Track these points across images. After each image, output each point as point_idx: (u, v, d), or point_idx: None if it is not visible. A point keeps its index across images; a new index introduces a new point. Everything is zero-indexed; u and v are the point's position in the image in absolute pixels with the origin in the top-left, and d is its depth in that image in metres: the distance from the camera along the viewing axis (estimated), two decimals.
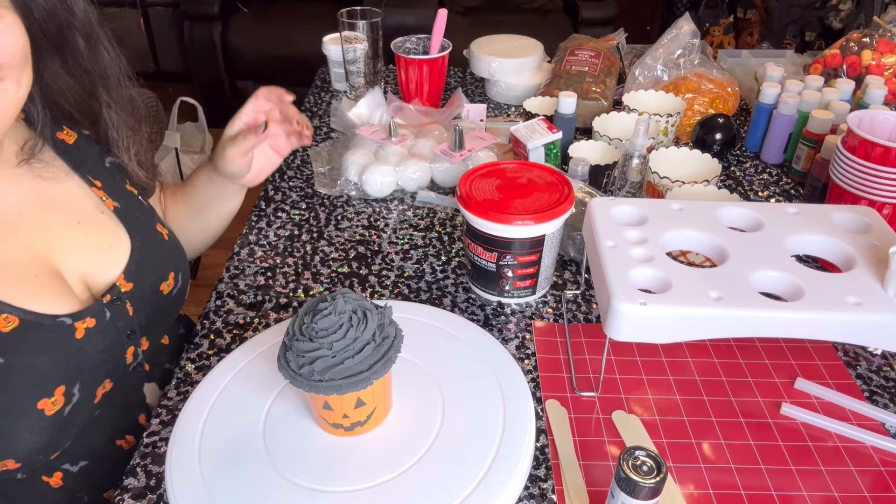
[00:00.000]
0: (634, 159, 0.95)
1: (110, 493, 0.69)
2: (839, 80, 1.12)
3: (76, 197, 0.68)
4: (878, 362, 0.74)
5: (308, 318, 0.55)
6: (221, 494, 0.55)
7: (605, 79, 1.21)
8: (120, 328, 0.66)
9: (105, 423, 0.68)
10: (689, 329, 0.62)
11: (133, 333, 0.68)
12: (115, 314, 0.66)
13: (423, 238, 0.94)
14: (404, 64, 1.21)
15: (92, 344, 0.63)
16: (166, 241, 0.75)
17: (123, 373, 0.68)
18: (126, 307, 0.67)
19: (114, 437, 0.70)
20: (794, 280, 0.65)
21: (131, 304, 0.68)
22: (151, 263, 0.72)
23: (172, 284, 0.74)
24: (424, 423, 0.61)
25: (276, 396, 0.64)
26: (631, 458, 0.50)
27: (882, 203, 0.85)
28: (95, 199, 0.69)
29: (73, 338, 0.61)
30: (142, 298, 0.69)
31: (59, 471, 0.65)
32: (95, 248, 0.67)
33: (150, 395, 0.74)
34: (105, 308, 0.65)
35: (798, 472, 0.62)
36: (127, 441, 0.71)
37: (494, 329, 0.78)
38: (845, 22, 2.72)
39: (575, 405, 0.68)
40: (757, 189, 1.06)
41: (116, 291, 0.67)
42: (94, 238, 0.67)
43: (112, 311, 0.66)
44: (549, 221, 0.75)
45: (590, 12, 2.78)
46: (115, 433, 0.70)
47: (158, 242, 0.74)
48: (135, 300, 0.68)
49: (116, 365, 0.67)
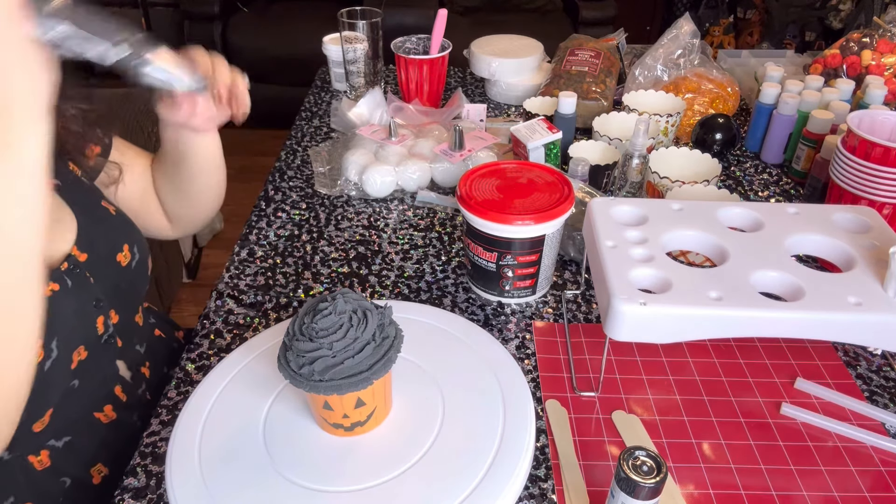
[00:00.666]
0: (634, 159, 0.95)
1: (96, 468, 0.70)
2: (839, 80, 1.12)
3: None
4: (878, 362, 0.74)
5: (308, 318, 0.55)
6: (221, 494, 0.55)
7: (605, 79, 1.21)
8: (84, 296, 0.67)
9: (83, 394, 0.68)
10: (689, 329, 0.62)
11: (99, 302, 0.69)
12: (76, 283, 0.67)
13: (424, 238, 0.94)
14: (404, 64, 1.21)
15: (60, 306, 0.64)
16: (113, 216, 0.76)
17: (96, 343, 0.69)
18: (86, 276, 0.68)
19: (92, 408, 0.71)
20: (794, 280, 0.65)
21: (90, 273, 0.69)
22: (102, 236, 0.72)
23: (129, 256, 0.75)
24: (424, 423, 0.61)
25: (276, 396, 0.64)
26: (631, 458, 0.50)
27: (882, 203, 0.85)
28: None
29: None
30: (99, 269, 0.70)
31: (45, 448, 0.66)
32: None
33: (123, 370, 0.75)
34: (64, 276, 0.66)
35: (798, 472, 0.62)
36: (105, 414, 0.72)
37: (494, 329, 0.78)
38: (845, 22, 2.73)
39: (575, 405, 0.68)
40: (757, 189, 1.06)
41: (73, 260, 0.67)
42: None
43: (73, 280, 0.66)
44: (549, 221, 0.75)
45: (590, 12, 2.78)
46: (94, 405, 0.71)
47: (104, 216, 0.75)
48: (93, 270, 0.69)
49: (88, 332, 0.68)
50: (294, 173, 1.09)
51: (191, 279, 2.19)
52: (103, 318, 0.70)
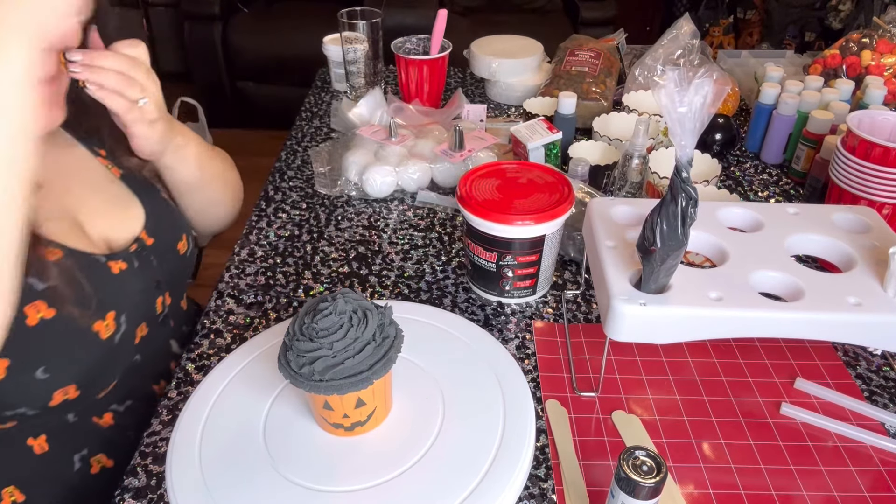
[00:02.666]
0: (634, 159, 0.95)
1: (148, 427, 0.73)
2: (839, 81, 1.12)
3: (88, 165, 0.72)
4: (878, 362, 0.74)
5: (308, 318, 0.55)
6: (222, 494, 0.55)
7: (605, 79, 1.21)
8: (148, 277, 0.71)
9: (143, 367, 0.73)
10: (689, 329, 0.63)
11: (160, 284, 0.73)
12: (142, 263, 0.71)
13: (424, 238, 0.94)
14: (404, 64, 1.22)
15: (128, 282, 0.68)
16: (174, 208, 0.80)
17: (155, 321, 0.73)
18: (151, 259, 0.72)
19: (151, 381, 0.76)
20: (794, 280, 0.65)
21: (154, 257, 0.73)
22: (166, 224, 0.76)
23: (186, 245, 0.79)
24: (424, 423, 0.61)
25: (276, 396, 0.64)
26: (631, 458, 0.50)
27: (882, 203, 0.85)
28: (102, 168, 0.73)
29: (111, 272, 0.66)
30: (163, 254, 0.74)
31: (109, 411, 0.70)
32: (114, 213, 0.71)
33: (176, 348, 0.80)
34: (132, 257, 0.70)
35: (798, 472, 0.62)
36: (160, 386, 0.77)
37: (494, 329, 0.78)
38: (845, 22, 2.73)
39: (575, 405, 0.68)
40: (757, 189, 1.06)
41: (141, 244, 0.71)
42: (112, 204, 0.72)
43: (139, 261, 0.70)
44: (549, 221, 0.75)
45: (590, 12, 2.78)
46: (152, 378, 0.76)
47: (167, 207, 0.78)
48: (157, 254, 0.73)
49: (149, 310, 0.72)
50: (294, 173, 1.09)
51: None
52: (161, 299, 0.74)
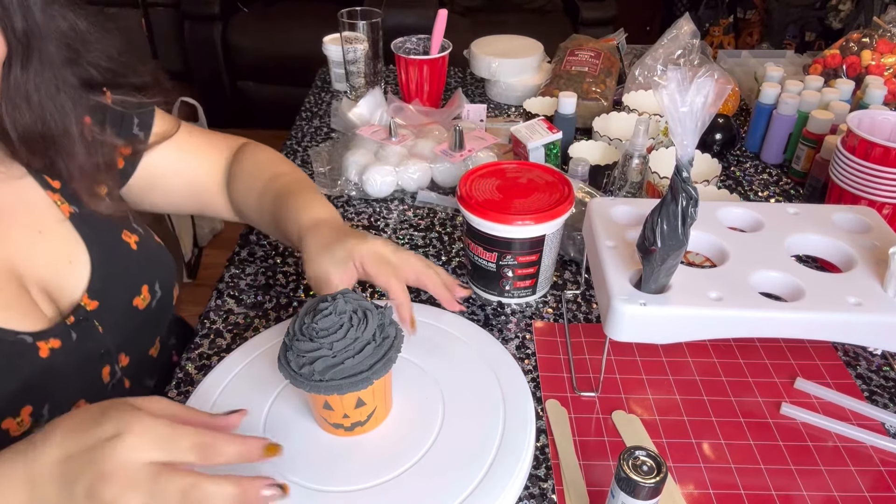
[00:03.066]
0: (634, 159, 0.95)
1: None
2: (839, 81, 1.12)
3: (34, 202, 0.63)
4: (878, 362, 0.74)
5: (308, 318, 0.55)
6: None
7: (605, 79, 1.21)
8: (90, 349, 0.63)
9: None
10: (689, 329, 0.63)
11: (107, 353, 0.64)
12: (83, 335, 0.62)
13: (424, 238, 0.94)
14: (404, 64, 1.21)
15: (60, 364, 0.59)
16: (134, 252, 0.69)
17: (100, 392, 0.64)
18: (95, 326, 0.63)
19: None
20: (794, 280, 0.65)
21: (100, 323, 0.64)
22: (117, 278, 0.66)
23: (148, 298, 0.69)
24: (424, 423, 0.61)
25: (276, 396, 0.64)
26: (631, 458, 0.50)
27: (882, 203, 0.85)
28: (52, 205, 0.63)
29: (38, 356, 0.57)
30: (112, 317, 0.65)
31: None
32: (56, 262, 0.62)
33: None
34: (70, 329, 0.61)
35: (798, 472, 0.62)
36: None
37: (494, 329, 0.78)
38: (845, 22, 2.72)
39: (575, 405, 0.68)
40: (757, 189, 1.06)
41: (82, 312, 0.62)
42: (55, 251, 0.63)
43: (79, 332, 0.61)
44: (549, 221, 0.75)
45: (590, 12, 2.78)
46: None
47: (124, 254, 0.68)
48: (104, 319, 0.64)
49: (91, 385, 0.63)
50: None
51: (191, 279, 2.19)
52: (110, 368, 0.65)
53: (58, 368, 0.59)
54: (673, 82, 0.52)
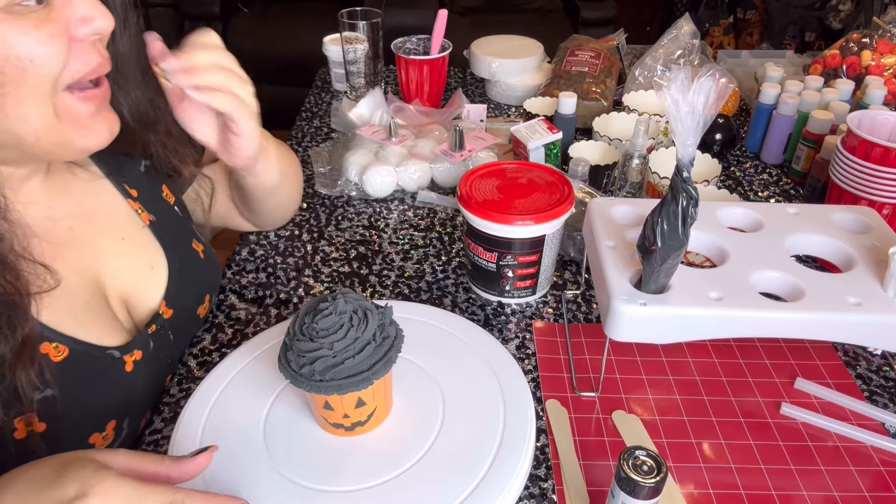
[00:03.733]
0: (634, 159, 0.95)
1: None
2: (839, 81, 1.12)
3: (117, 210, 0.64)
4: (877, 362, 0.74)
5: (309, 318, 0.55)
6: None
7: (605, 79, 1.21)
8: (162, 358, 0.64)
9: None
10: (689, 329, 0.63)
11: (173, 361, 0.67)
12: (159, 344, 0.63)
13: (424, 238, 0.94)
14: (404, 64, 1.22)
15: (140, 377, 0.61)
16: (202, 261, 0.71)
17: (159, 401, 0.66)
18: (168, 335, 0.65)
19: None
20: (794, 280, 0.65)
21: (172, 331, 0.65)
22: (189, 286, 0.68)
23: (208, 307, 0.72)
24: (425, 423, 0.61)
25: (276, 396, 0.64)
26: (631, 458, 0.50)
27: (882, 203, 0.85)
28: (132, 213, 0.66)
29: (124, 371, 0.59)
30: (181, 325, 0.67)
31: None
32: (139, 269, 0.64)
33: None
34: (150, 339, 0.62)
35: (798, 472, 0.62)
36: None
37: (495, 329, 0.78)
38: (845, 22, 2.73)
39: (575, 405, 0.68)
40: (757, 189, 1.06)
41: (160, 320, 0.64)
42: (137, 258, 0.64)
43: (156, 342, 0.63)
44: (549, 221, 0.75)
45: (590, 13, 2.78)
46: None
47: (195, 262, 0.70)
48: (174, 327, 0.66)
49: (157, 395, 0.65)
50: None
51: None
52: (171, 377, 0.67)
53: (138, 381, 0.60)
54: (675, 82, 0.52)
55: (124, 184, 0.65)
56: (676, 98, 0.52)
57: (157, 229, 0.66)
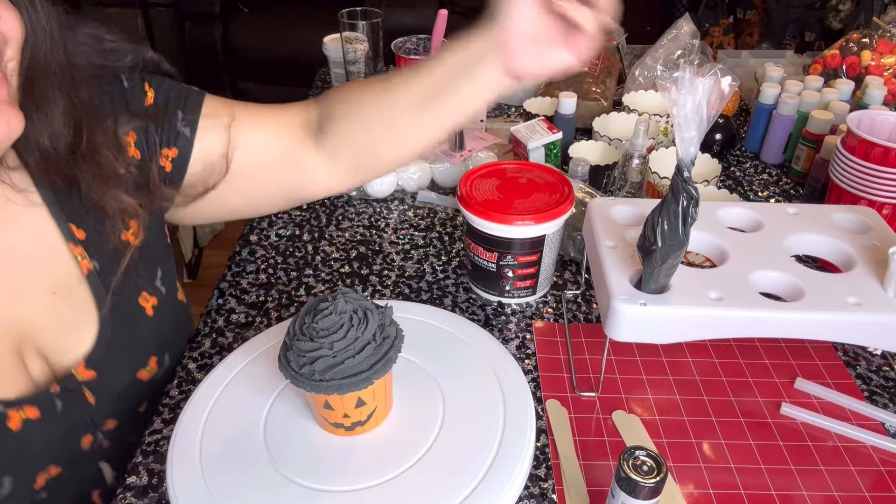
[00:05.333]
0: (634, 159, 0.95)
1: None
2: (839, 81, 1.12)
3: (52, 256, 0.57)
4: (877, 362, 0.74)
5: (309, 317, 0.56)
6: (222, 493, 0.55)
7: (605, 79, 1.21)
8: (75, 418, 0.58)
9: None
10: (689, 329, 0.63)
11: (93, 422, 0.59)
12: (69, 404, 0.57)
13: (424, 238, 0.94)
14: (405, 64, 1.21)
15: (32, 436, 0.54)
16: (149, 319, 0.63)
17: (76, 458, 0.59)
18: (85, 396, 0.58)
19: None
20: (794, 280, 0.65)
21: (93, 393, 0.59)
22: (125, 348, 0.61)
23: (155, 370, 0.64)
24: (425, 422, 0.61)
25: (276, 396, 0.64)
26: (631, 458, 0.50)
27: (882, 203, 0.85)
28: (71, 261, 0.58)
29: (5, 427, 0.52)
30: (110, 388, 0.60)
31: None
32: (65, 326, 0.58)
33: (107, 472, 0.64)
34: (55, 398, 0.56)
35: (798, 472, 0.62)
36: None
37: (495, 329, 0.78)
38: (845, 22, 2.72)
39: (575, 405, 0.68)
40: (757, 189, 1.06)
41: (71, 382, 0.57)
42: (65, 314, 0.58)
43: (65, 402, 0.56)
44: (549, 221, 0.75)
45: None
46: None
47: (136, 321, 0.62)
48: (99, 389, 0.59)
49: (68, 452, 0.58)
50: None
51: (192, 279, 2.19)
52: (91, 437, 0.60)
53: (28, 440, 0.54)
54: (679, 81, 0.52)
55: (71, 223, 0.58)
56: (680, 97, 0.52)
57: (96, 280, 0.59)
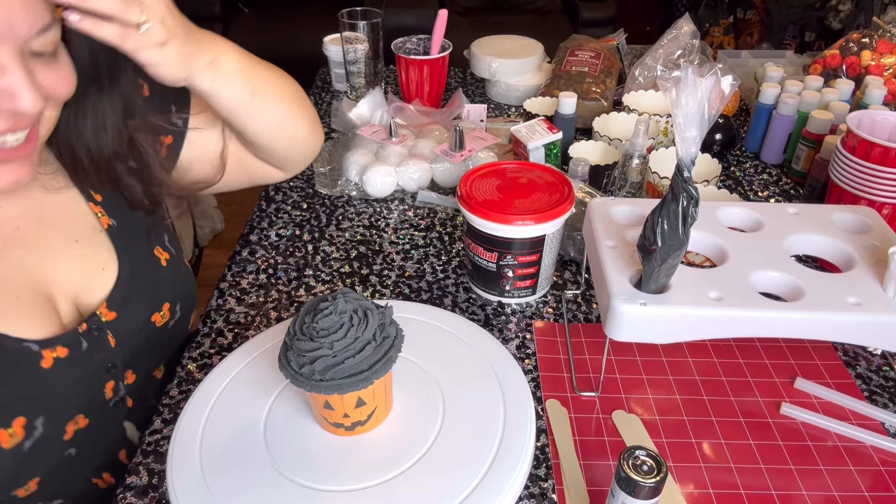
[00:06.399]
0: (634, 159, 0.95)
1: None
2: (839, 81, 1.12)
3: (74, 212, 0.64)
4: (877, 362, 0.75)
5: (309, 317, 0.56)
6: (222, 493, 0.55)
7: (605, 79, 1.21)
8: (98, 360, 0.62)
9: (80, 461, 0.62)
10: (689, 329, 0.63)
11: (114, 367, 0.63)
12: (93, 345, 0.61)
13: (424, 238, 0.94)
14: (405, 64, 1.22)
15: (62, 375, 0.58)
16: (163, 268, 0.69)
17: (101, 409, 0.63)
18: (107, 338, 0.62)
19: (90, 475, 0.65)
20: (794, 280, 0.65)
21: (114, 335, 0.63)
22: (141, 292, 0.66)
23: (168, 316, 0.69)
24: (425, 422, 0.61)
25: (276, 396, 0.64)
26: (631, 458, 0.50)
27: (882, 203, 0.85)
28: (91, 216, 0.65)
29: (39, 366, 0.56)
30: (128, 330, 0.64)
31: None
32: (89, 269, 0.63)
33: (131, 432, 0.69)
34: (81, 338, 0.60)
35: (798, 472, 0.62)
36: (104, 480, 0.66)
37: (495, 329, 0.78)
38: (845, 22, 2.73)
39: (575, 405, 0.68)
40: (757, 189, 1.06)
41: (96, 321, 0.62)
42: (89, 259, 0.63)
43: (90, 342, 0.60)
44: (549, 221, 0.75)
45: (590, 13, 2.79)
46: (92, 471, 0.65)
47: (152, 268, 0.68)
48: (118, 331, 0.63)
49: (93, 400, 0.62)
50: None
51: None
52: (113, 384, 0.64)
53: (58, 380, 0.58)
54: (681, 81, 0.52)
55: (90, 188, 0.65)
56: (681, 97, 0.52)
57: (115, 234, 0.66)
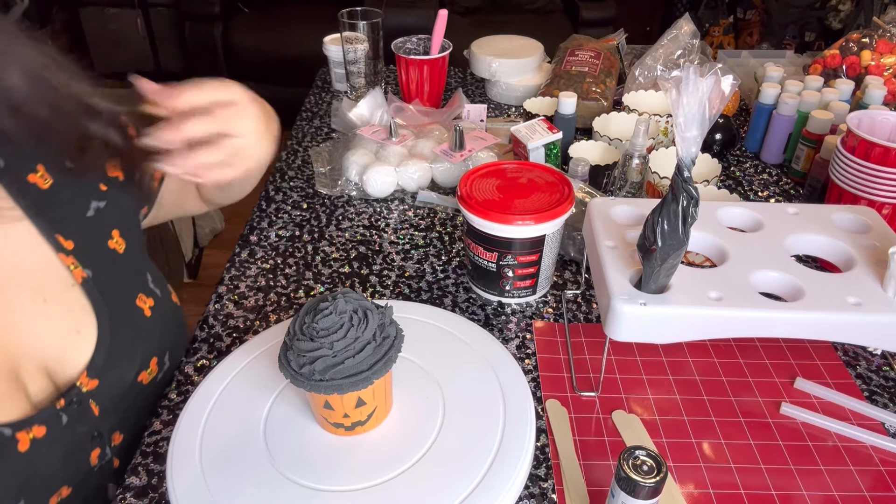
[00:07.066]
0: (634, 159, 0.95)
1: None
2: (839, 81, 1.12)
3: (41, 266, 0.56)
4: (877, 362, 0.74)
5: (309, 317, 0.56)
6: (222, 493, 0.55)
7: (605, 79, 1.21)
8: (81, 433, 0.57)
9: None
10: (689, 329, 0.63)
11: (99, 435, 0.59)
12: (75, 418, 0.56)
13: (424, 238, 0.94)
14: (405, 64, 1.22)
15: (41, 456, 0.53)
16: (147, 320, 0.63)
17: (86, 476, 0.59)
18: (90, 407, 0.57)
19: None
20: (794, 280, 0.65)
21: (97, 403, 0.58)
22: (125, 351, 0.61)
23: (156, 371, 0.64)
24: (425, 422, 0.61)
25: (276, 396, 0.64)
26: (631, 458, 0.50)
27: (882, 203, 0.85)
28: (62, 269, 0.57)
29: (15, 451, 0.51)
30: (112, 395, 0.60)
31: None
32: (62, 333, 0.57)
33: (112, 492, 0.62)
34: (61, 413, 0.55)
35: (798, 472, 0.62)
36: None
37: (495, 329, 0.78)
38: (845, 22, 2.73)
39: (575, 405, 0.68)
40: (757, 189, 1.06)
41: (75, 393, 0.56)
42: (60, 322, 0.57)
43: (70, 415, 0.55)
44: (549, 221, 0.75)
45: (590, 13, 2.78)
46: None
47: (135, 322, 0.62)
48: (102, 398, 0.59)
49: (77, 469, 0.58)
50: (295, 173, 1.09)
51: (192, 279, 2.19)
52: (100, 451, 0.60)
53: (39, 461, 0.53)
54: (681, 80, 0.52)
55: (58, 235, 0.57)
56: (682, 97, 0.52)
57: (91, 287, 0.59)
